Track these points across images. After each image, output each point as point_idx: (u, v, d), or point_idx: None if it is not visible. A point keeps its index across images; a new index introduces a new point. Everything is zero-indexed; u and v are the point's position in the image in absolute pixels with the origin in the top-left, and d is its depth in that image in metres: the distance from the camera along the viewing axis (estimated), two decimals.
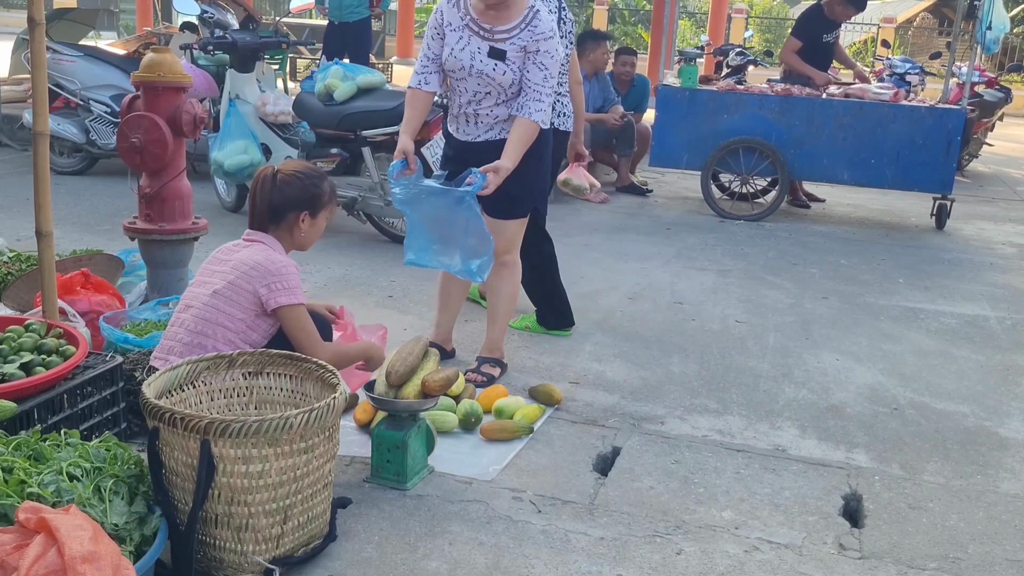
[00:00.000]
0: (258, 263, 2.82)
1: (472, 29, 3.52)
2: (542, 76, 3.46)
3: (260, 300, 2.80)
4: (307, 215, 2.96)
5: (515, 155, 3.44)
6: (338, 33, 9.88)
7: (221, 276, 2.85)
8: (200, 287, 2.89)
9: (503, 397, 3.47)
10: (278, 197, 2.92)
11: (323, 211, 3.01)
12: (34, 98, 2.97)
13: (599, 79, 8.14)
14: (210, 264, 2.96)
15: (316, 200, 2.98)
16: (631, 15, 26.18)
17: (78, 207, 6.51)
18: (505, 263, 3.76)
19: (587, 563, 2.55)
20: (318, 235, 3.06)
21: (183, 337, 2.83)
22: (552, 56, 3.46)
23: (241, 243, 2.95)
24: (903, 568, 2.62)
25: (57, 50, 7.44)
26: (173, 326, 2.90)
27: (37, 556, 1.83)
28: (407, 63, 18.35)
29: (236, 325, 2.82)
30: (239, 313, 2.81)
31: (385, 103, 5.68)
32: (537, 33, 3.44)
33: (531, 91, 3.47)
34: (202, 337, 2.80)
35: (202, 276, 2.94)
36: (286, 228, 2.95)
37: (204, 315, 2.82)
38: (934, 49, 17.51)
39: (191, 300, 2.88)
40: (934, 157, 7.16)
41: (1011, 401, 3.92)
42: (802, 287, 5.50)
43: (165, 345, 2.89)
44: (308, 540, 2.45)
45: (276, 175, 2.94)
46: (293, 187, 2.93)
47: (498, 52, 3.47)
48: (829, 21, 7.83)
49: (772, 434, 3.46)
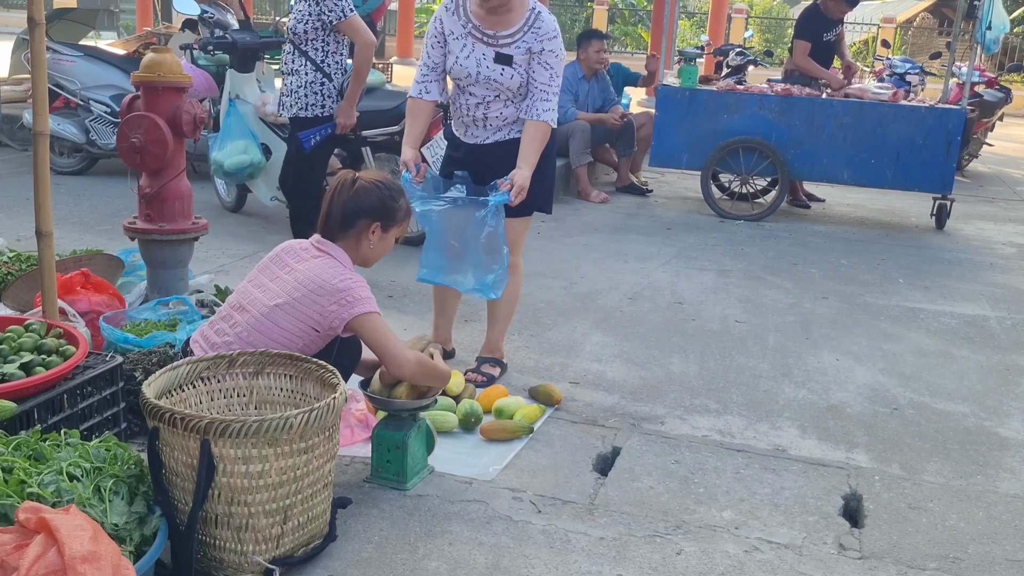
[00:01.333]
0: (325, 281, 2.71)
1: (475, 36, 3.51)
2: (548, 75, 3.47)
3: (325, 320, 2.71)
4: (379, 227, 2.89)
5: (533, 159, 3.44)
6: None
7: (284, 289, 2.75)
8: (261, 291, 2.79)
9: (503, 397, 3.47)
10: (354, 204, 2.84)
11: (395, 227, 2.94)
12: (34, 98, 2.97)
13: (598, 79, 8.13)
14: (273, 265, 2.85)
15: (392, 213, 2.90)
16: (631, 15, 26.18)
17: (78, 207, 6.51)
18: (510, 264, 3.75)
19: (587, 563, 2.55)
20: (385, 251, 2.97)
21: (231, 340, 2.76)
22: (557, 55, 3.47)
23: (310, 249, 2.84)
24: (903, 568, 2.62)
25: (57, 50, 7.44)
26: (224, 321, 2.82)
27: (37, 556, 1.83)
28: (407, 63, 18.34)
29: (291, 342, 2.74)
30: (296, 330, 2.73)
31: (385, 103, 5.68)
32: (541, 34, 3.45)
33: (539, 92, 3.47)
34: (251, 346, 2.73)
35: (264, 275, 2.83)
36: (354, 237, 2.86)
37: (260, 326, 2.74)
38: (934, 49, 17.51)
39: (248, 303, 2.79)
40: (934, 157, 7.16)
41: (1011, 401, 3.92)
42: (802, 287, 5.50)
43: (212, 338, 2.81)
44: (308, 540, 2.45)
45: (356, 181, 2.87)
46: (372, 196, 2.85)
47: (504, 57, 3.47)
48: (827, 19, 7.83)
49: (772, 434, 3.46)
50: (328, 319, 2.71)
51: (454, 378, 3.53)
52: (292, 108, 4.95)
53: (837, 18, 7.86)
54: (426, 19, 24.97)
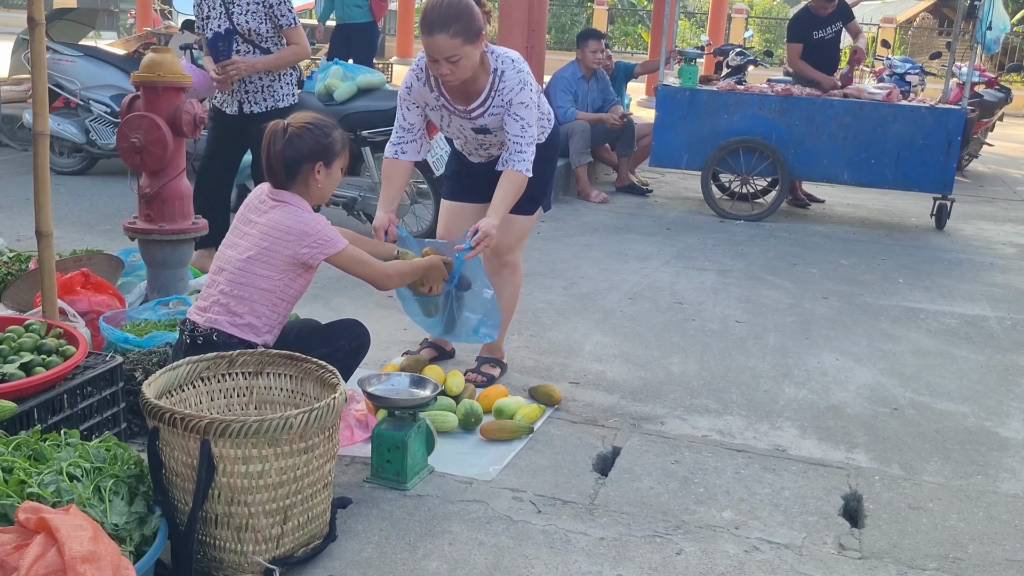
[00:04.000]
0: (290, 227, 2.84)
1: (448, 109, 3.47)
2: (519, 127, 3.37)
3: (299, 259, 2.85)
4: (322, 166, 2.95)
5: (502, 210, 3.36)
6: (344, 35, 9.88)
7: (251, 242, 2.88)
8: (232, 249, 2.94)
9: (503, 397, 3.47)
10: (291, 151, 2.90)
11: (336, 160, 3.00)
12: (34, 98, 2.97)
13: (598, 79, 8.13)
14: (240, 224, 2.98)
15: (328, 150, 2.96)
16: (631, 15, 26.18)
17: (78, 207, 6.51)
18: (507, 263, 3.76)
19: (587, 563, 2.55)
20: (335, 185, 3.05)
21: (219, 298, 2.90)
22: (526, 105, 3.36)
23: (268, 201, 2.93)
24: (903, 568, 2.62)
25: (57, 50, 7.44)
26: (209, 287, 2.97)
27: (37, 556, 1.83)
28: (407, 63, 18.35)
29: (274, 285, 2.88)
30: (276, 274, 2.87)
31: (385, 103, 5.68)
32: (506, 93, 3.35)
33: (512, 144, 3.38)
34: (238, 299, 2.88)
35: (233, 235, 2.98)
36: (303, 182, 2.94)
37: (240, 279, 2.88)
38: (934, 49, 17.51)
39: (224, 263, 2.93)
40: (934, 157, 7.16)
41: (1011, 401, 3.92)
42: (802, 287, 5.50)
43: (203, 304, 2.96)
44: (308, 540, 2.45)
45: (287, 129, 2.92)
46: (305, 139, 2.91)
47: (481, 129, 3.47)
48: (818, 18, 7.81)
49: (772, 434, 3.46)
50: (303, 259, 2.86)
51: (454, 378, 3.53)
52: (265, 103, 4.97)
53: (825, 15, 7.81)
54: None
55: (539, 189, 3.66)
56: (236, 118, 4.98)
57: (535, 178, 3.51)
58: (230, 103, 4.99)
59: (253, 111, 4.95)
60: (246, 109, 4.96)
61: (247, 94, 4.95)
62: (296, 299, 2.97)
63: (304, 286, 2.97)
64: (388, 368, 3.66)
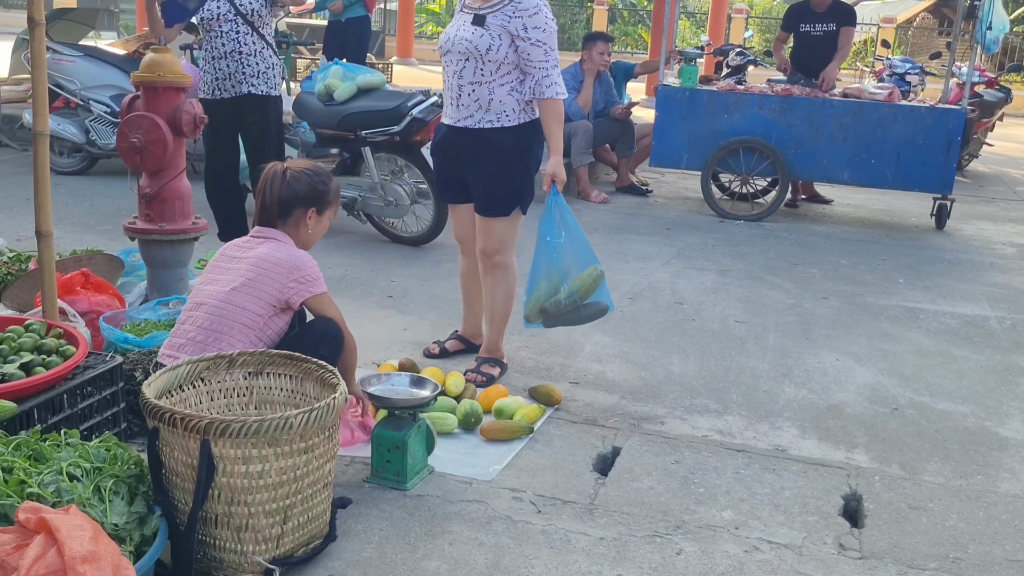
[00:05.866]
0: (280, 259, 2.86)
1: (464, 14, 3.65)
2: (542, 52, 3.53)
3: (283, 295, 2.84)
4: (314, 212, 3.01)
5: (556, 142, 3.57)
6: (338, 32, 9.89)
7: (238, 273, 2.86)
8: (213, 284, 2.89)
9: (503, 397, 3.47)
10: (288, 193, 2.96)
11: (328, 209, 3.07)
12: (34, 98, 2.98)
13: (601, 81, 8.13)
14: (220, 262, 2.96)
15: (323, 197, 3.03)
16: (631, 15, 26.17)
17: (78, 207, 6.51)
18: (497, 263, 3.77)
19: (587, 563, 2.55)
20: (322, 233, 3.11)
21: (195, 335, 2.82)
22: (544, 29, 3.52)
23: (252, 240, 2.96)
24: (903, 568, 2.62)
25: (57, 50, 7.44)
26: (184, 324, 2.89)
27: (37, 556, 1.83)
28: (407, 63, 18.33)
29: (254, 321, 2.83)
30: (258, 309, 2.83)
31: (385, 103, 5.68)
32: (520, 9, 3.49)
33: (537, 71, 3.54)
34: (216, 334, 2.80)
35: (213, 274, 2.94)
36: (293, 224, 2.99)
37: (220, 312, 2.81)
38: (934, 49, 17.50)
39: (203, 298, 2.88)
40: (934, 157, 7.15)
41: (1011, 401, 3.92)
42: (802, 287, 5.50)
43: (175, 343, 2.88)
44: (308, 540, 2.45)
45: (286, 172, 2.99)
46: (302, 183, 2.98)
47: (479, 19, 3.56)
48: (810, 11, 7.78)
49: (772, 434, 3.46)
50: (287, 294, 2.85)
51: (454, 378, 3.54)
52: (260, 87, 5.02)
53: (820, 10, 7.76)
54: (426, 19, 24.98)
55: (514, 186, 3.69)
56: (229, 101, 5.02)
57: (510, 173, 3.64)
58: (224, 87, 5.02)
59: (250, 92, 5.01)
60: (244, 90, 5.01)
61: (245, 76, 4.99)
62: (272, 344, 2.89)
63: (281, 330, 2.91)
64: (385, 367, 3.66)
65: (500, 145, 3.60)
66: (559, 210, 3.54)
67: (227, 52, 4.95)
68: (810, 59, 7.86)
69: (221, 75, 4.98)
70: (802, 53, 7.94)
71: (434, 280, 5.20)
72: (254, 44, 4.96)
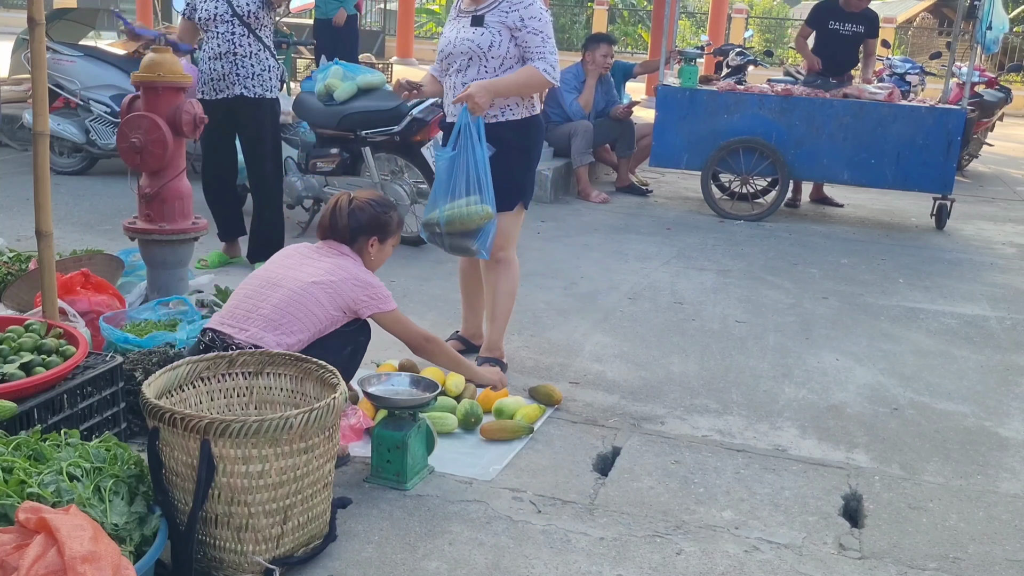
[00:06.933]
0: (357, 275, 3.03)
1: (462, 18, 3.70)
2: (540, 40, 3.59)
3: (355, 306, 3.00)
4: (376, 240, 3.17)
5: (505, 84, 3.58)
6: (327, 31, 9.94)
7: (318, 270, 2.98)
8: (294, 271, 3.00)
9: (503, 397, 3.47)
10: (352, 222, 3.12)
11: (391, 238, 3.23)
12: (34, 98, 2.97)
13: (602, 82, 8.13)
14: (297, 255, 3.10)
15: (386, 228, 3.19)
16: (631, 15, 26.17)
17: (78, 207, 6.51)
18: (500, 260, 3.77)
19: (587, 563, 2.55)
20: (384, 259, 3.26)
21: (269, 313, 2.91)
22: (539, 19, 3.58)
23: (327, 248, 3.10)
24: (903, 568, 2.62)
25: (57, 50, 7.44)
26: (253, 299, 2.97)
27: (37, 556, 1.83)
28: (407, 63, 18.33)
29: (324, 317, 2.95)
30: (331, 309, 2.96)
31: (385, 103, 5.68)
32: (515, 3, 3.57)
33: (534, 53, 3.59)
34: (291, 318, 2.90)
35: (290, 260, 3.07)
36: (358, 250, 3.14)
37: (300, 300, 2.92)
38: (934, 49, 17.49)
39: (282, 280, 2.97)
40: (934, 157, 7.16)
41: (1011, 401, 3.92)
42: (802, 287, 5.50)
43: (239, 314, 2.95)
44: (308, 540, 2.45)
45: (351, 202, 3.15)
46: (365, 214, 3.14)
47: (477, 19, 3.61)
48: (841, 11, 7.80)
49: (772, 434, 3.46)
50: (358, 306, 3.01)
51: (454, 378, 3.53)
52: (254, 89, 5.00)
53: (850, 10, 7.80)
54: (426, 19, 24.98)
55: (517, 180, 3.74)
56: (224, 102, 5.01)
57: (513, 169, 3.67)
58: (219, 88, 5.00)
59: (242, 94, 4.99)
60: (238, 91, 5.00)
61: (239, 77, 4.97)
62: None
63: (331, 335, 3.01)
64: (386, 367, 3.66)
65: (504, 140, 3.64)
66: (466, 132, 3.52)
67: (222, 53, 4.92)
68: (833, 57, 7.92)
69: (216, 75, 4.97)
70: (826, 50, 7.94)
71: (434, 280, 5.21)
72: (250, 46, 4.94)
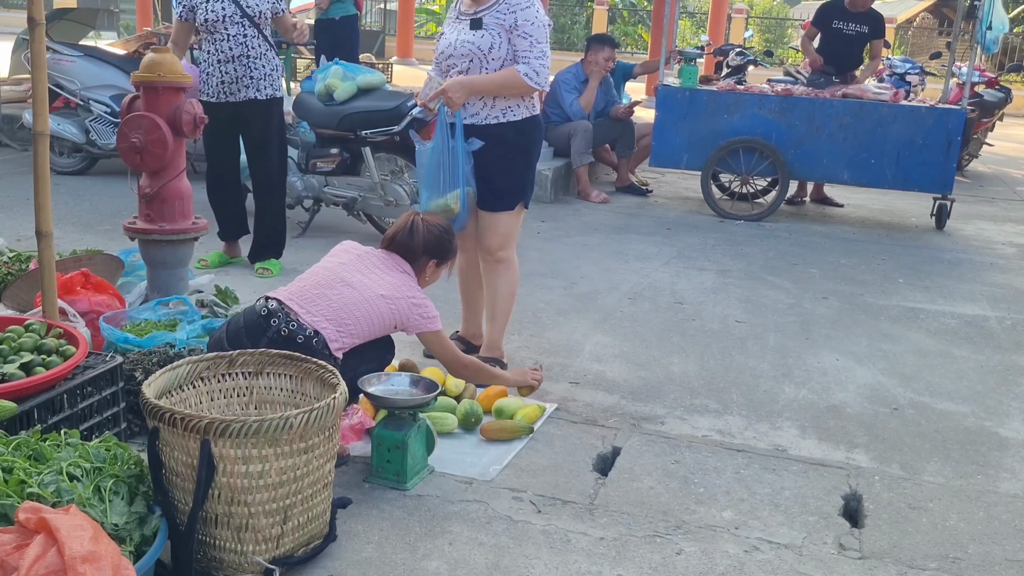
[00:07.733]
0: (412, 296, 3.13)
1: (459, 20, 3.72)
2: (528, 44, 3.58)
3: (406, 322, 3.11)
4: (435, 263, 3.29)
5: (483, 83, 3.60)
6: (328, 31, 9.91)
7: (385, 283, 3.08)
8: (365, 276, 3.08)
9: (503, 397, 3.47)
10: (418, 242, 3.23)
11: (447, 263, 3.35)
12: (34, 98, 2.97)
13: (602, 82, 8.13)
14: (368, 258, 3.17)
15: (446, 253, 3.32)
16: (631, 15, 26.17)
17: (78, 207, 6.51)
18: (500, 260, 3.78)
19: (587, 563, 2.55)
20: (435, 281, 3.38)
21: (337, 307, 2.97)
22: (533, 23, 3.58)
23: (391, 260, 3.19)
24: (903, 568, 2.62)
25: (57, 50, 7.44)
26: (324, 288, 3.01)
27: (37, 556, 1.83)
28: (407, 63, 18.33)
29: (377, 329, 3.05)
30: (386, 319, 3.07)
31: (385, 103, 5.68)
32: (514, 4, 3.58)
33: (519, 56, 3.60)
34: (353, 319, 2.98)
35: (361, 263, 3.13)
36: (417, 269, 3.24)
37: (367, 306, 3.01)
38: (934, 49, 17.50)
39: (355, 283, 3.04)
40: (934, 157, 7.16)
41: (1011, 401, 3.92)
42: (802, 287, 5.50)
43: (310, 297, 2.99)
44: (308, 540, 2.45)
45: (421, 224, 3.26)
46: (432, 236, 3.26)
47: (476, 22, 3.62)
48: (844, 11, 7.80)
49: (772, 434, 3.46)
50: (409, 322, 3.12)
51: (453, 378, 3.53)
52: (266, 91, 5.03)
53: (855, 11, 7.80)
54: (426, 19, 24.97)
55: (518, 180, 3.75)
56: (233, 105, 5.01)
57: (513, 169, 3.70)
58: (230, 91, 5.00)
59: (255, 96, 5.01)
60: (251, 95, 5.00)
61: (252, 80, 4.98)
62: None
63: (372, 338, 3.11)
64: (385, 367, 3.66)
65: (505, 140, 3.67)
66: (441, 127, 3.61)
67: (235, 56, 4.90)
68: (838, 57, 7.93)
69: (228, 79, 4.94)
70: (830, 50, 7.95)
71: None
72: (260, 47, 4.95)
